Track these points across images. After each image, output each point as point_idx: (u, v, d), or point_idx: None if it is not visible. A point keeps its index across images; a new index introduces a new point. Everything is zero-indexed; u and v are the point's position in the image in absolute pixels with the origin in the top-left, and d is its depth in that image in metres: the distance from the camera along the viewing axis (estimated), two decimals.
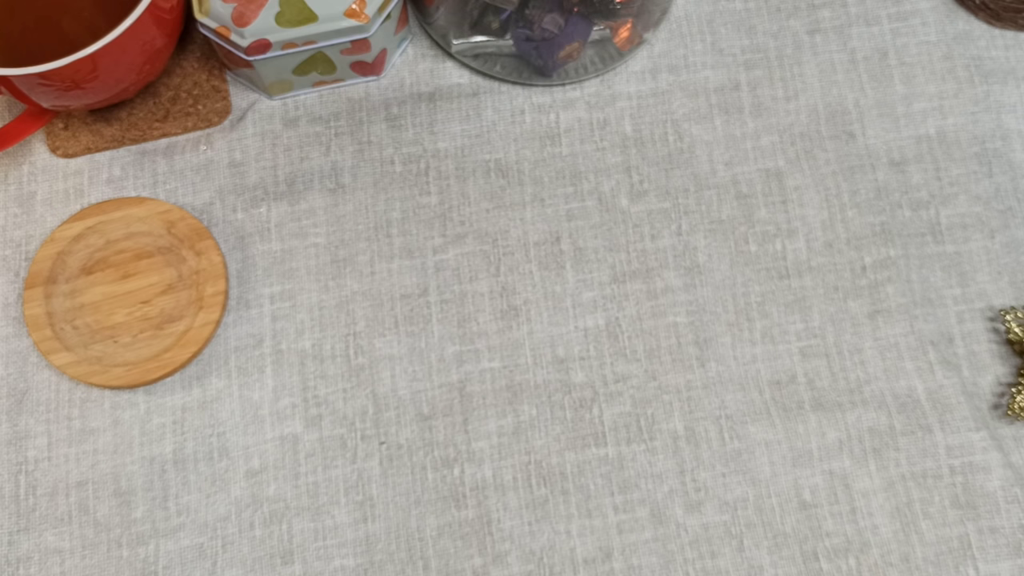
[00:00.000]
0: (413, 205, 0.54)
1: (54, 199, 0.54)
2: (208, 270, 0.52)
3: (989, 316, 0.52)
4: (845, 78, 0.56)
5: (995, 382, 0.51)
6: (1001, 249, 0.53)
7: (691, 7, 0.57)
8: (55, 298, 0.51)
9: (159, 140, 0.55)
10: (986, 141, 0.55)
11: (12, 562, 0.49)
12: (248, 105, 0.56)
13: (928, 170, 0.54)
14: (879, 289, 0.52)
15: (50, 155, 0.55)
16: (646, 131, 0.55)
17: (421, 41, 0.57)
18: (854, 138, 0.55)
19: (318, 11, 0.50)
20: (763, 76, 0.56)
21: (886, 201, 0.54)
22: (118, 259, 0.52)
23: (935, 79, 0.56)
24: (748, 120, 0.55)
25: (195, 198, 0.54)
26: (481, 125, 0.55)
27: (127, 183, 0.55)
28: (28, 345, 0.52)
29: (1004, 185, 0.54)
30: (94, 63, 0.47)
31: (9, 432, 0.51)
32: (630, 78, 0.56)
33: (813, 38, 0.57)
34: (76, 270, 0.52)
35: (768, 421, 0.50)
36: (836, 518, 0.49)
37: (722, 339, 0.52)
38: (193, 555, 0.49)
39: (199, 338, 0.51)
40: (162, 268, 0.52)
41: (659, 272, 0.53)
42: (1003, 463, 0.50)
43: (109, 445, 0.50)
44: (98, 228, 0.52)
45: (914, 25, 0.57)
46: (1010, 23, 0.56)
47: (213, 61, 0.56)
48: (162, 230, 0.52)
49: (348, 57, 0.53)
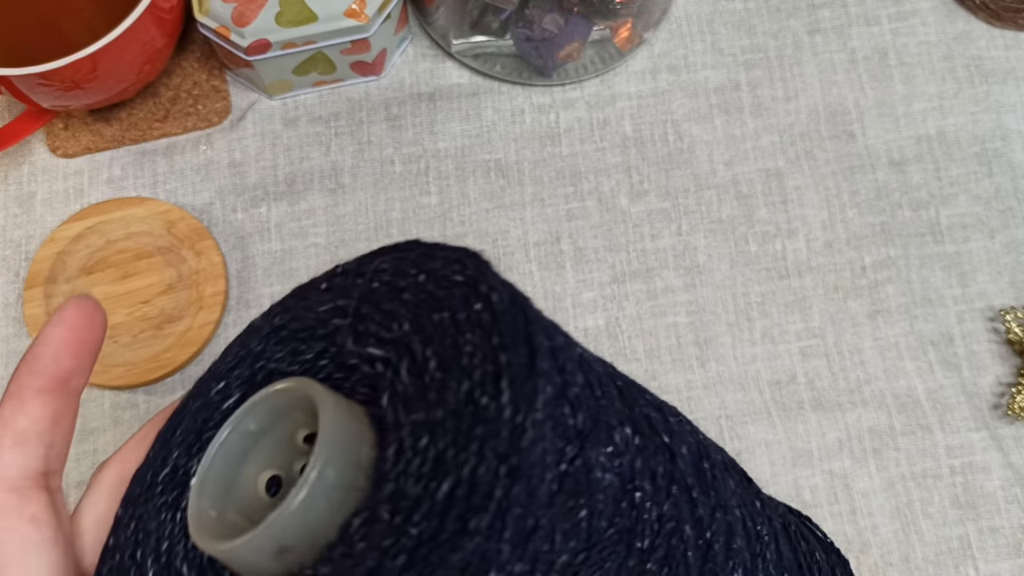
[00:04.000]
0: (413, 205, 0.54)
1: (54, 199, 0.54)
2: (208, 270, 0.52)
3: (989, 316, 0.52)
4: (845, 78, 0.56)
5: (995, 382, 0.51)
6: (1001, 249, 0.53)
7: (691, 7, 0.57)
8: (55, 298, 0.51)
9: (159, 140, 0.55)
10: (986, 141, 0.55)
11: None
12: (248, 105, 0.56)
13: (928, 170, 0.54)
14: (879, 289, 0.52)
15: (50, 155, 0.55)
16: (646, 131, 0.55)
17: (421, 41, 0.57)
18: (854, 138, 0.55)
19: (318, 11, 0.50)
20: (763, 76, 0.56)
21: (886, 201, 0.54)
22: (118, 259, 0.52)
23: (935, 79, 0.56)
24: (748, 120, 0.55)
25: (195, 198, 0.54)
26: (481, 125, 0.55)
27: (127, 183, 0.55)
28: (28, 345, 0.52)
29: (1004, 185, 0.54)
30: (94, 63, 0.47)
31: None
32: (630, 78, 0.56)
33: (813, 38, 0.57)
34: (76, 270, 0.52)
35: (768, 421, 0.50)
36: (836, 518, 0.49)
37: (722, 339, 0.52)
38: None
39: (199, 338, 0.51)
40: (162, 268, 0.52)
41: (659, 272, 0.53)
42: (1003, 463, 0.50)
43: (109, 445, 0.50)
44: (98, 228, 0.52)
45: (914, 25, 0.57)
46: (1010, 23, 0.56)
47: (213, 61, 0.56)
48: (162, 230, 0.52)
49: (348, 57, 0.53)
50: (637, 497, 0.23)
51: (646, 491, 0.23)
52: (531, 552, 0.19)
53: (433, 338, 0.21)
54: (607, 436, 0.22)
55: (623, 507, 0.22)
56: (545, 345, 0.20)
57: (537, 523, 0.19)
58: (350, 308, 0.24)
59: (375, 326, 0.23)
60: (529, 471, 0.18)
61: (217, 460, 0.23)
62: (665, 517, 0.23)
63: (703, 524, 0.24)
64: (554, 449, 0.20)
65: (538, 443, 0.19)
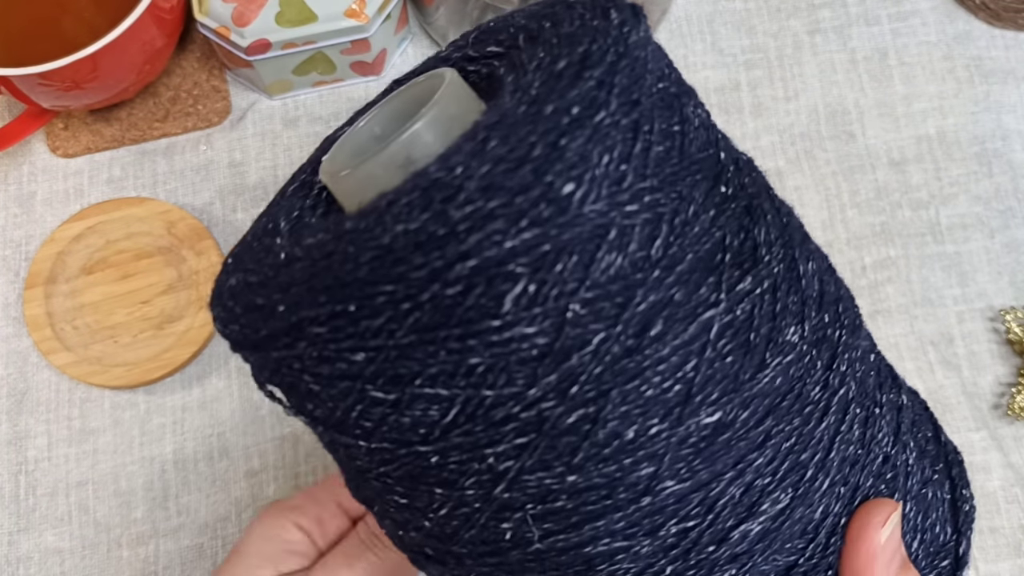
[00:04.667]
0: None
1: (54, 199, 0.54)
2: (208, 270, 0.52)
3: (989, 316, 0.52)
4: (845, 78, 0.56)
5: (995, 382, 0.51)
6: (1001, 249, 0.53)
7: (691, 7, 0.57)
8: (55, 298, 0.51)
9: (159, 140, 0.55)
10: (986, 141, 0.55)
11: (12, 562, 0.49)
12: (248, 105, 0.56)
13: (928, 170, 0.54)
14: (879, 289, 0.52)
15: (50, 155, 0.55)
16: None
17: (421, 41, 0.57)
18: (854, 138, 0.55)
19: (318, 11, 0.50)
20: (763, 76, 0.56)
21: (886, 201, 0.54)
22: (118, 259, 0.52)
23: (935, 79, 0.56)
24: (748, 120, 0.55)
25: (195, 198, 0.54)
26: None
27: (127, 183, 0.55)
28: (28, 345, 0.52)
29: (1004, 185, 0.54)
30: (94, 63, 0.47)
31: (9, 432, 0.51)
32: None
33: (813, 38, 0.57)
34: (76, 270, 0.52)
35: None
36: None
37: None
38: (193, 555, 0.49)
39: (199, 338, 0.51)
40: (162, 268, 0.52)
41: None
42: (1003, 463, 0.50)
43: (109, 445, 0.50)
44: (98, 228, 0.52)
45: (914, 25, 0.57)
46: (1010, 23, 0.56)
47: (213, 61, 0.56)
48: (162, 230, 0.52)
49: (348, 57, 0.53)
50: (722, 156, 0.25)
51: (727, 163, 0.25)
52: (631, 122, 0.21)
53: (545, 18, 0.25)
54: (696, 101, 0.25)
55: (710, 152, 0.24)
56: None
57: (639, 100, 0.22)
58: (469, 37, 0.28)
59: (490, 37, 0.27)
60: (632, 63, 0.22)
61: (344, 148, 0.27)
62: (746, 185, 0.26)
63: (781, 210, 0.26)
64: (656, 60, 0.23)
65: (641, 47, 0.22)
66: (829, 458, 0.25)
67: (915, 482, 0.27)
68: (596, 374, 0.21)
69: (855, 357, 0.26)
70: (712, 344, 0.22)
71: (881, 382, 0.27)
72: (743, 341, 0.23)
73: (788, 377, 0.24)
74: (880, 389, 0.27)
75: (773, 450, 0.24)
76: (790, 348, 0.24)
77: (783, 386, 0.24)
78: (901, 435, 0.27)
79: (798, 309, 0.24)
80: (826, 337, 0.25)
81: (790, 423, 0.24)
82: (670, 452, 0.22)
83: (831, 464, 0.25)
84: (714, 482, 0.23)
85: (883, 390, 0.27)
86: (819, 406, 0.24)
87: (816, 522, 0.25)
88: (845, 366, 0.25)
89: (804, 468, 0.24)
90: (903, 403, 0.28)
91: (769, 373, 0.23)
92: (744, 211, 0.24)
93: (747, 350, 0.23)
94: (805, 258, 0.25)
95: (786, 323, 0.24)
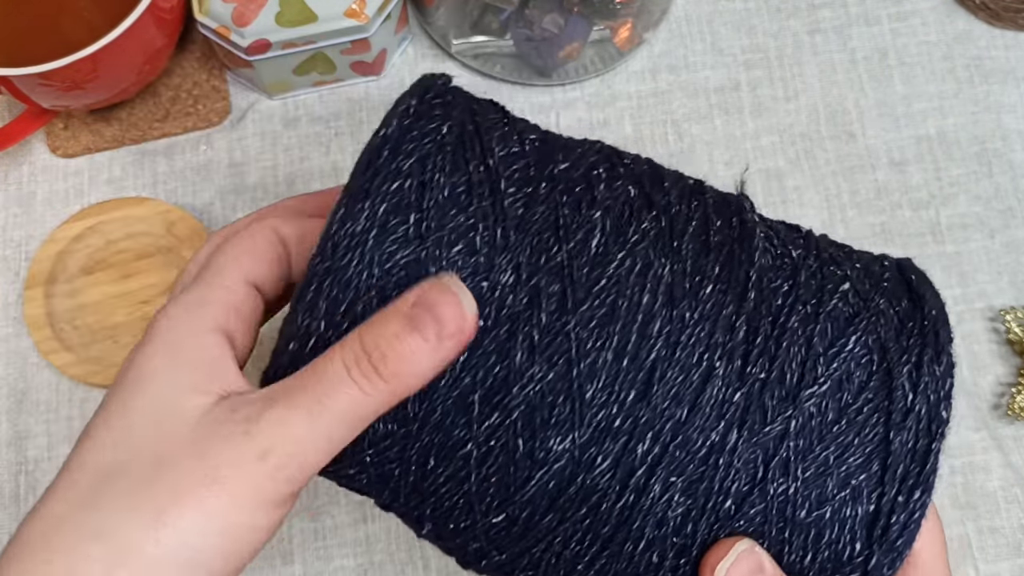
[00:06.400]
0: None
1: (54, 199, 0.54)
2: None
3: (989, 316, 0.52)
4: (845, 78, 0.56)
5: (995, 382, 0.51)
6: (1001, 249, 0.53)
7: (691, 7, 0.57)
8: (55, 298, 0.51)
9: (159, 140, 0.55)
10: (986, 141, 0.55)
11: None
12: (248, 105, 0.56)
13: (928, 170, 0.54)
14: None
15: (50, 155, 0.55)
16: (646, 131, 0.55)
17: (421, 41, 0.57)
18: (854, 138, 0.55)
19: (318, 11, 0.50)
20: (763, 76, 0.56)
21: (886, 201, 0.54)
22: (118, 259, 0.52)
23: (935, 79, 0.56)
24: (748, 120, 0.55)
25: (195, 198, 0.54)
26: None
27: (127, 183, 0.55)
28: (28, 345, 0.52)
29: (1004, 185, 0.54)
30: (94, 63, 0.47)
31: (9, 432, 0.51)
32: (630, 78, 0.56)
33: (813, 38, 0.57)
34: (76, 270, 0.52)
35: None
36: None
37: None
38: None
39: None
40: (162, 268, 0.52)
41: None
42: (1003, 463, 0.50)
43: None
44: (98, 228, 0.52)
45: (914, 25, 0.57)
46: (1010, 23, 0.56)
47: (213, 61, 0.56)
48: (162, 230, 0.52)
49: (348, 57, 0.53)
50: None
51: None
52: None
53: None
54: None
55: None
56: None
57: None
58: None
59: None
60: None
61: None
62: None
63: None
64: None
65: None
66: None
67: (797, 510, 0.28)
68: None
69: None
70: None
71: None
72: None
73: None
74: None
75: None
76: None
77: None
78: (776, 468, 0.28)
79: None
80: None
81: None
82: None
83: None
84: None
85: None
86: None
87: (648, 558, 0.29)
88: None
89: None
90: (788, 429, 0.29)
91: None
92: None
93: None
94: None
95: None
